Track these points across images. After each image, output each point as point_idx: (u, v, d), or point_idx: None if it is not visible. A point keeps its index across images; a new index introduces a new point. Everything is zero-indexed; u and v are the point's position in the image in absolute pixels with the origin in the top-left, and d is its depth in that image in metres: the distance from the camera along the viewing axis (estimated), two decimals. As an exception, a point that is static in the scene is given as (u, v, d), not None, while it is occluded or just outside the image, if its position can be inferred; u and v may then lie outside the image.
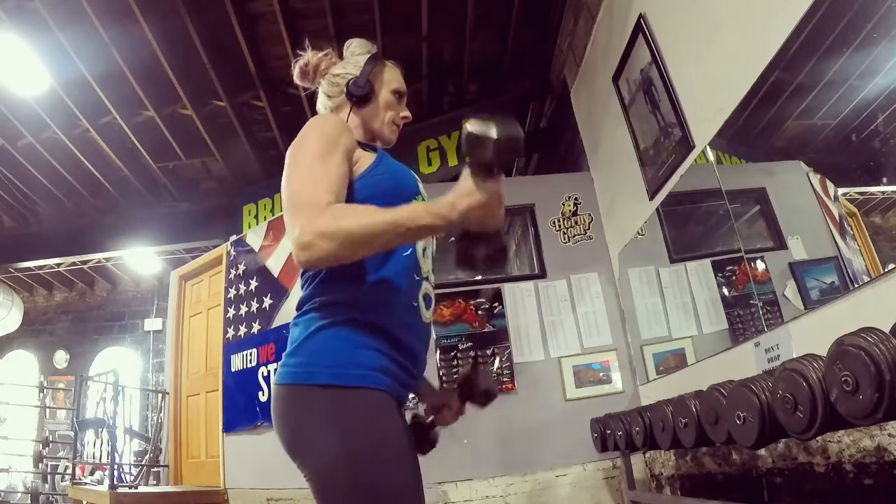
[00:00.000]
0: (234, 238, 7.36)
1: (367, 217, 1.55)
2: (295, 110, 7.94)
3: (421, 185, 2.02)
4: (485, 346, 5.69)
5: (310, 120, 1.85)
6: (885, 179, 3.03)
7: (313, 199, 1.59)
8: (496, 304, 5.82)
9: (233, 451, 6.35)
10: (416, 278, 1.86)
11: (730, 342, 3.96)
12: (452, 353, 5.64)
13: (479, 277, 6.07)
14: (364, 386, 1.63)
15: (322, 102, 2.17)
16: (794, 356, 2.22)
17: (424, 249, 1.92)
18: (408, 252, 1.84)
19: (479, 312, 5.80)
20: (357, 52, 2.15)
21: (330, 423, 1.58)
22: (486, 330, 5.76)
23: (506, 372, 5.59)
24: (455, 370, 5.58)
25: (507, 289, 5.91)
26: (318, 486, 1.59)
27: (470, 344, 5.68)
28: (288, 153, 1.78)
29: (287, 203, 1.65)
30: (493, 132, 1.49)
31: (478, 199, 1.56)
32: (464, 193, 1.57)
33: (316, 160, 1.70)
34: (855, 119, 2.96)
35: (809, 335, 2.98)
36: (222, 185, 9.86)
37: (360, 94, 2.05)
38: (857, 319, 1.99)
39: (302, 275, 1.85)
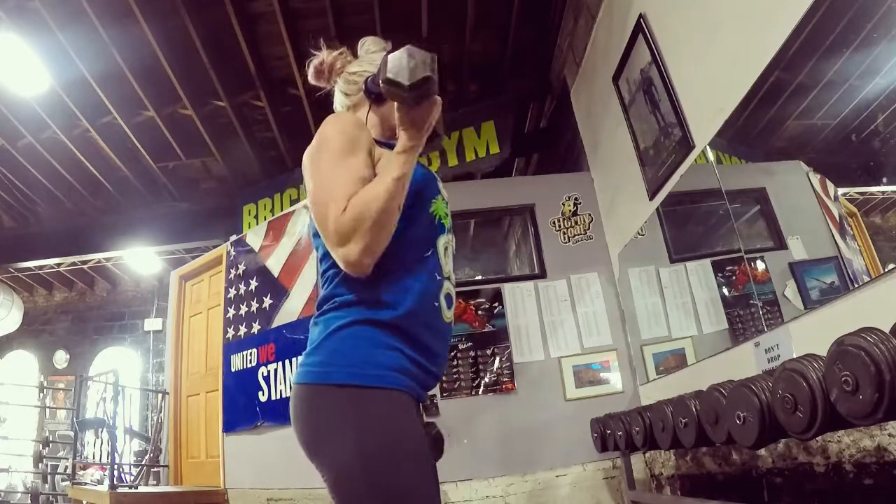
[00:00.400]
0: (234, 238, 7.36)
1: (376, 192, 1.62)
2: (295, 110, 7.93)
3: (441, 185, 2.03)
4: (485, 346, 5.69)
5: (325, 120, 1.85)
6: (885, 179, 3.04)
7: (337, 203, 1.64)
8: (496, 304, 5.82)
9: (233, 451, 6.35)
10: (438, 278, 1.84)
11: (730, 342, 3.96)
12: (452, 354, 5.63)
13: (479, 277, 6.07)
14: (382, 386, 1.62)
15: (339, 101, 2.17)
16: (794, 356, 2.22)
17: (446, 249, 1.91)
18: (429, 252, 1.84)
19: (479, 312, 5.80)
20: (372, 49, 2.15)
21: (346, 423, 1.58)
22: (486, 330, 5.76)
23: (506, 372, 5.59)
24: (455, 370, 5.58)
25: (507, 289, 5.92)
26: (335, 487, 1.58)
27: (470, 344, 5.68)
28: (307, 157, 1.80)
29: (317, 215, 1.70)
30: (404, 80, 1.60)
31: (423, 120, 1.71)
32: (411, 123, 1.71)
33: (336, 160, 1.72)
34: (855, 119, 2.96)
35: (809, 335, 2.98)
36: (222, 185, 9.85)
37: (378, 91, 2.03)
38: (858, 319, 1.99)
39: (322, 274, 1.85)
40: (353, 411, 1.59)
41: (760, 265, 3.76)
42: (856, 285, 2.85)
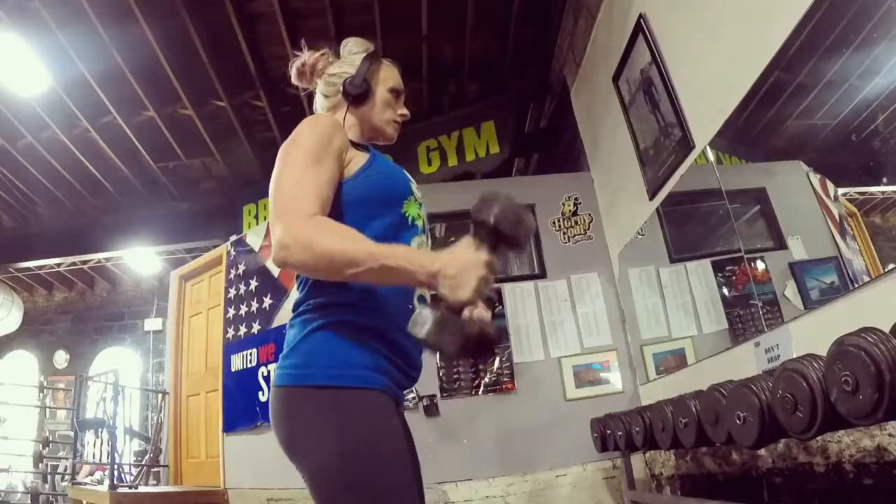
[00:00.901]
0: (234, 238, 7.38)
1: (347, 241, 1.56)
2: (295, 110, 7.91)
3: (414, 186, 1.99)
4: (485, 346, 5.66)
5: (303, 120, 1.84)
6: (885, 179, 3.04)
7: (300, 203, 1.61)
8: (496, 304, 5.82)
9: (233, 451, 6.37)
10: None
11: (730, 342, 3.96)
12: (453, 353, 5.62)
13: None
14: (360, 386, 1.63)
15: (319, 102, 2.16)
16: (795, 356, 2.22)
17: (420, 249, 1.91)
18: None
19: (480, 313, 5.78)
20: (354, 50, 2.13)
21: (325, 423, 1.59)
22: (486, 330, 5.73)
23: (506, 372, 5.59)
24: (455, 371, 5.58)
25: (507, 289, 5.92)
26: (315, 486, 1.59)
27: (470, 344, 5.66)
28: (280, 151, 1.78)
29: (273, 201, 1.67)
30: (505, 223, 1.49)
31: (457, 262, 1.51)
32: (447, 252, 1.55)
33: (306, 163, 1.70)
34: (855, 119, 2.96)
35: (809, 335, 2.98)
36: (222, 185, 9.85)
37: (356, 93, 2.03)
38: (858, 319, 1.99)
39: (297, 276, 1.85)
40: (333, 412, 1.60)
41: (760, 265, 3.76)
42: (856, 285, 2.85)
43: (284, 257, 1.54)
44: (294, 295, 1.88)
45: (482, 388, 5.56)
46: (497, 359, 5.62)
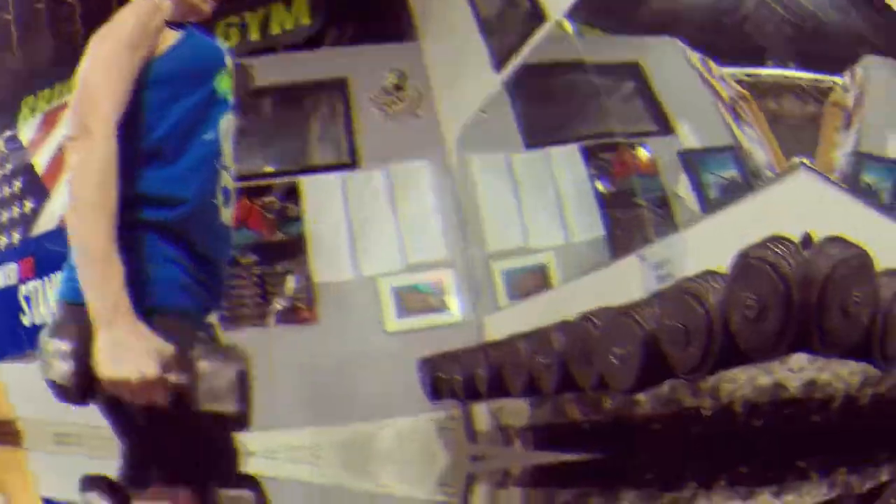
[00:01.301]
0: (7, 134, 7.36)
1: (108, 205, 1.53)
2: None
3: (228, 59, 1.98)
4: (275, 261, 5.61)
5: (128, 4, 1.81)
6: (769, 62, 3.13)
7: (107, 113, 1.59)
8: (290, 205, 5.69)
9: (15, 380, 6.35)
10: (217, 167, 1.83)
11: (608, 255, 3.99)
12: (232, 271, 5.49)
13: (269, 168, 5.96)
14: (159, 304, 1.59)
15: None
16: (690, 274, 2.23)
17: (227, 132, 1.89)
18: (209, 135, 1.80)
19: (268, 215, 5.66)
20: None
21: None
22: (276, 239, 5.65)
23: (304, 296, 5.52)
24: (236, 292, 5.44)
25: (307, 183, 5.80)
26: None
27: (255, 258, 5.58)
28: (96, 36, 1.73)
29: (81, 92, 1.66)
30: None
31: (135, 336, 1.43)
32: (141, 324, 1.47)
33: (120, 50, 1.68)
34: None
35: (708, 245, 3.01)
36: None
37: None
38: (764, 224, 2.05)
39: None
40: None
41: (644, 153, 3.80)
42: (759, 181, 2.91)
43: (70, 147, 1.57)
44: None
45: (274, 317, 5.46)
46: (292, 277, 5.53)
